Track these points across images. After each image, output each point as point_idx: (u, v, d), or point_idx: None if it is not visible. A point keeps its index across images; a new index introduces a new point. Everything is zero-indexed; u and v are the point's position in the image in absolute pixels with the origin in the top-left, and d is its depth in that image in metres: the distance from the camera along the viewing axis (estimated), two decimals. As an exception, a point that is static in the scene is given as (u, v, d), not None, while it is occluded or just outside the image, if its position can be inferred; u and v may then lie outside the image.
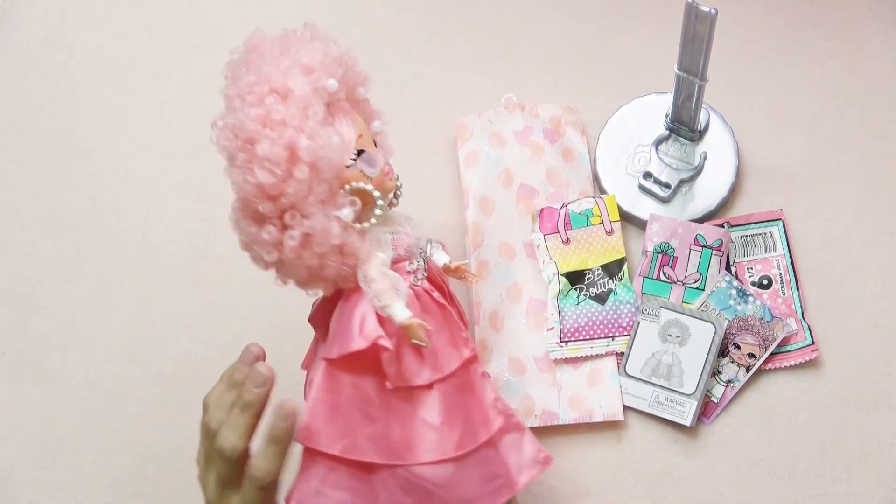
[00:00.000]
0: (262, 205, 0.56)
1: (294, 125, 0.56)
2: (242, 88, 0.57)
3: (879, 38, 0.91)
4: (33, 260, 0.88)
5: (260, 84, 0.57)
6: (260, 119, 0.56)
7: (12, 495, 0.79)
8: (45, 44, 0.99)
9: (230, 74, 0.59)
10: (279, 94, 0.57)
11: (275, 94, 0.57)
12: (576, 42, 0.94)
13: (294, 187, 0.56)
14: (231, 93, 0.58)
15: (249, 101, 0.56)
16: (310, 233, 0.57)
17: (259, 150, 0.55)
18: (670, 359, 0.78)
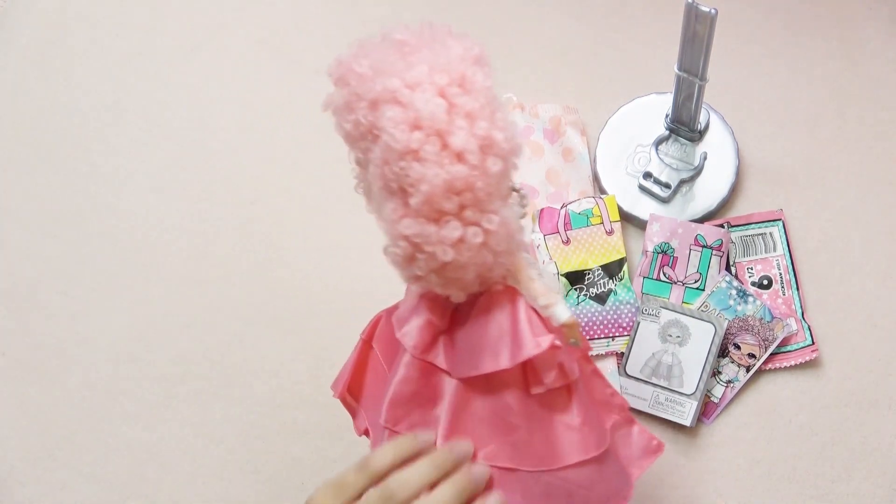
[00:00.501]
0: (448, 201, 0.53)
1: (485, 117, 0.54)
2: (411, 78, 0.54)
3: (879, 38, 0.91)
4: (33, 260, 0.88)
5: (438, 74, 0.54)
6: (448, 110, 0.53)
7: (12, 495, 0.79)
8: (45, 44, 0.99)
9: (371, 65, 0.55)
10: (461, 86, 0.54)
11: (457, 86, 0.54)
12: (576, 42, 0.94)
13: (484, 181, 0.53)
14: (393, 84, 0.53)
15: (428, 91, 0.53)
16: (494, 230, 0.54)
17: (454, 143, 0.52)
18: (670, 359, 0.78)
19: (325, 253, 0.86)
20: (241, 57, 0.97)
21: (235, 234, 0.89)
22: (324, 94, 0.59)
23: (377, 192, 0.55)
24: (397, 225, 0.54)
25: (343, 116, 0.56)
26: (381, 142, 0.53)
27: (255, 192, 0.90)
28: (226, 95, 0.95)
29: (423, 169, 0.52)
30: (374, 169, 0.54)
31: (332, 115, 0.57)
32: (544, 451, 0.59)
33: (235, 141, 0.92)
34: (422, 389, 0.61)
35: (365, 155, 0.56)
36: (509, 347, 0.58)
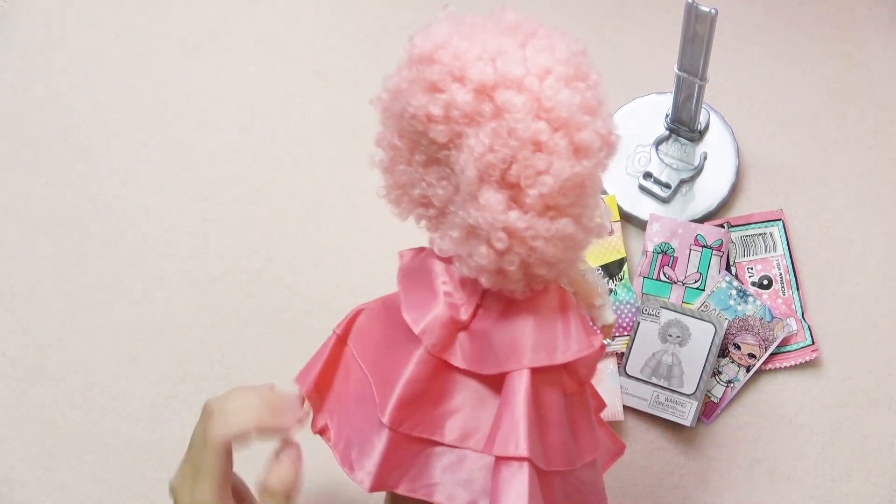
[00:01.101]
0: (564, 197, 0.51)
1: (602, 114, 0.52)
2: (536, 66, 0.51)
3: (879, 39, 0.91)
4: (33, 260, 0.88)
5: (562, 65, 0.52)
6: (578, 105, 0.51)
7: (12, 495, 0.79)
8: (45, 44, 0.99)
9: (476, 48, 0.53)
10: (583, 80, 0.52)
11: (580, 80, 0.52)
12: (576, 42, 0.94)
13: (595, 179, 0.53)
14: (517, 71, 0.51)
15: (559, 82, 0.51)
16: (591, 227, 0.54)
17: (583, 138, 0.51)
18: (670, 359, 0.78)
19: (325, 252, 0.86)
20: (240, 57, 0.97)
21: (235, 234, 0.89)
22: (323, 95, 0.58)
23: (467, 182, 0.52)
24: (501, 216, 0.51)
25: (427, 98, 0.52)
26: (493, 128, 0.51)
27: (255, 192, 0.90)
28: (226, 95, 0.95)
29: (550, 161, 0.51)
30: (470, 156, 0.51)
31: (394, 95, 0.54)
32: (570, 449, 0.58)
33: (235, 141, 0.92)
34: (430, 388, 0.59)
35: (444, 143, 0.53)
36: (563, 344, 0.57)
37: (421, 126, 0.53)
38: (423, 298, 0.59)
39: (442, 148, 0.53)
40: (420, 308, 0.58)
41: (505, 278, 0.54)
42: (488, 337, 0.58)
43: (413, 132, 0.54)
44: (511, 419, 0.55)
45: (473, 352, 0.58)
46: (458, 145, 0.52)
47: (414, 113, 0.52)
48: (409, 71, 0.53)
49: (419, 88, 0.52)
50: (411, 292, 0.60)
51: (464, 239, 0.54)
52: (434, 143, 0.53)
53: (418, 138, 0.54)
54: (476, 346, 0.58)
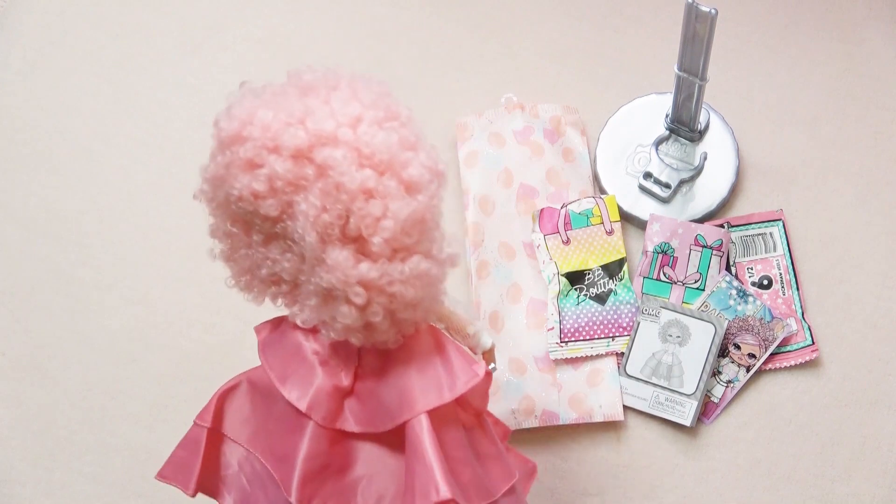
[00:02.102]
0: (408, 236, 0.52)
1: (423, 147, 0.53)
2: (345, 117, 0.52)
3: (879, 38, 0.91)
4: (33, 260, 0.88)
5: (371, 110, 0.53)
6: (398, 144, 0.52)
7: (12, 495, 0.79)
8: (45, 44, 0.99)
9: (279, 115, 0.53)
10: (396, 119, 0.54)
11: (393, 119, 0.54)
12: (576, 42, 0.94)
13: (433, 212, 0.54)
14: (328, 126, 0.52)
15: (373, 126, 0.52)
16: (443, 259, 0.55)
17: (411, 175, 0.52)
18: (670, 359, 0.78)
19: (325, 253, 0.86)
20: (240, 57, 0.97)
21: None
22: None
23: (310, 247, 0.52)
24: (353, 271, 0.51)
25: (248, 176, 0.52)
26: (321, 189, 0.51)
27: (255, 192, 0.90)
28: (225, 95, 0.95)
29: (385, 205, 0.51)
30: (306, 222, 0.51)
31: (215, 183, 0.54)
32: (484, 482, 0.58)
33: (235, 141, 0.92)
34: (331, 460, 0.58)
35: (277, 216, 0.52)
36: (448, 381, 0.57)
37: (250, 206, 0.52)
38: (299, 372, 0.58)
39: (277, 221, 0.53)
40: (299, 383, 0.58)
41: (374, 331, 0.54)
42: (375, 394, 0.57)
43: (244, 214, 0.54)
44: (424, 467, 0.55)
45: (364, 413, 0.58)
46: (291, 214, 0.52)
47: (239, 195, 0.52)
48: (223, 155, 0.53)
49: (237, 169, 0.52)
50: (283, 368, 0.59)
51: (322, 304, 0.54)
52: (267, 218, 0.53)
53: (251, 219, 0.54)
54: (366, 406, 0.58)
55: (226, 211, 0.55)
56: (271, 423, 0.60)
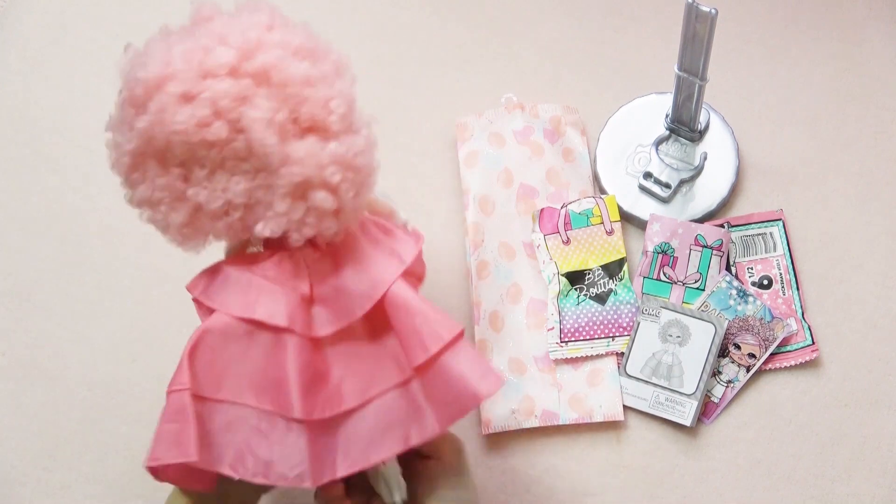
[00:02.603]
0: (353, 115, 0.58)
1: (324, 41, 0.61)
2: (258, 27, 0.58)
3: (879, 38, 0.91)
4: (33, 260, 0.88)
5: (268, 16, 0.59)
6: (312, 34, 0.60)
7: (12, 495, 0.79)
8: (45, 44, 0.99)
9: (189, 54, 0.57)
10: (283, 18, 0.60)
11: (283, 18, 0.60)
12: (576, 42, 0.94)
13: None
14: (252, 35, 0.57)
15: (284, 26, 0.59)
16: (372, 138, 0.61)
17: (339, 62, 0.59)
18: (670, 359, 0.78)
19: (325, 253, 0.86)
20: (241, 57, 0.97)
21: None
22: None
23: (270, 150, 0.55)
24: (324, 153, 0.56)
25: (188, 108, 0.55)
26: (265, 93, 0.55)
27: (255, 192, 0.90)
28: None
29: (330, 88, 0.57)
30: (261, 128, 0.54)
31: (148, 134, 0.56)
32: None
33: (235, 141, 0.92)
34: (317, 370, 0.60)
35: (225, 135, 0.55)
36: (402, 248, 0.62)
37: (195, 137, 0.55)
38: (261, 297, 0.60)
39: (225, 144, 0.55)
40: (267, 304, 0.59)
41: (341, 215, 0.58)
42: (338, 290, 0.60)
43: (185, 152, 0.56)
44: (423, 318, 0.59)
45: (334, 311, 0.60)
46: (239, 129, 0.55)
47: (183, 129, 0.54)
48: (153, 102, 0.55)
49: (174, 108, 0.54)
50: (243, 299, 0.60)
51: (294, 203, 0.57)
52: (213, 144, 0.55)
53: (192, 154, 0.56)
54: (332, 305, 0.60)
55: (161, 160, 0.57)
56: (248, 362, 0.60)
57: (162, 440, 0.59)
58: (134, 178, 0.59)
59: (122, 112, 0.58)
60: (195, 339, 0.60)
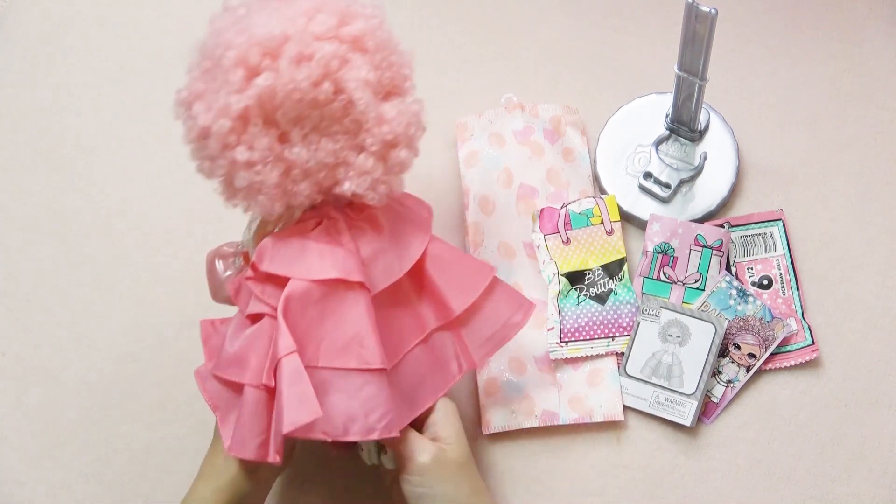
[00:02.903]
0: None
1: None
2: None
3: (879, 38, 0.91)
4: (33, 260, 0.88)
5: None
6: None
7: (12, 495, 0.79)
8: (45, 44, 0.99)
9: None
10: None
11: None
12: (576, 42, 0.94)
13: None
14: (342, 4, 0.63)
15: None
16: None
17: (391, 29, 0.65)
18: (670, 359, 0.78)
19: (325, 253, 0.86)
20: (241, 57, 0.97)
21: (235, 233, 0.88)
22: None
23: (368, 107, 0.60)
24: (410, 113, 0.63)
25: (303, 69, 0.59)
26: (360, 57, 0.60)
27: (255, 192, 0.90)
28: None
29: (402, 52, 0.64)
30: (360, 87, 0.60)
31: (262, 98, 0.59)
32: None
33: (235, 141, 0.92)
34: (380, 323, 0.63)
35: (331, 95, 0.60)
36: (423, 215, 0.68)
37: (308, 95, 0.59)
38: (325, 259, 0.63)
39: (327, 104, 0.60)
40: (335, 265, 0.62)
41: (403, 170, 0.64)
42: (380, 252, 0.65)
43: (294, 111, 0.59)
44: (461, 267, 0.68)
45: (382, 271, 0.65)
46: (340, 90, 0.60)
47: (296, 87, 0.58)
48: (276, 62, 0.59)
49: (293, 66, 0.58)
50: (312, 263, 0.63)
51: (375, 163, 0.62)
52: (318, 104, 0.60)
53: (299, 114, 0.60)
54: (376, 266, 0.64)
55: (267, 122, 0.60)
56: (325, 324, 0.62)
57: (292, 403, 0.59)
58: (230, 141, 0.60)
59: (227, 75, 0.59)
60: (283, 305, 0.62)
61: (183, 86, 0.63)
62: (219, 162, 0.61)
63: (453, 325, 0.69)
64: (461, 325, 0.69)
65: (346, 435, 0.60)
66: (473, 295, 0.68)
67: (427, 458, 0.64)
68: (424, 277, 0.68)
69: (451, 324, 0.69)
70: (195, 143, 0.62)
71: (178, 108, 0.62)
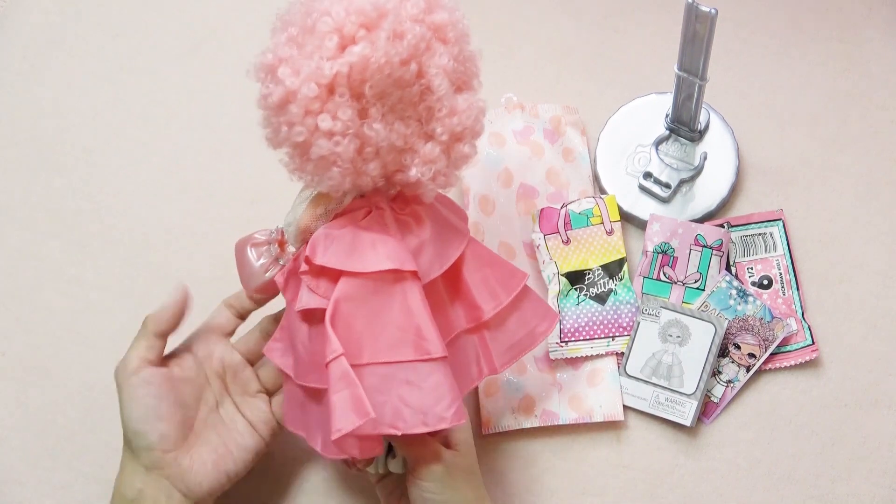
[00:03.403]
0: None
1: None
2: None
3: (879, 39, 0.91)
4: (33, 260, 0.88)
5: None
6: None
7: (12, 495, 0.79)
8: (45, 44, 0.99)
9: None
10: None
11: None
12: (576, 42, 0.94)
13: None
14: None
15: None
16: None
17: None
18: (670, 359, 0.78)
19: (325, 253, 0.86)
20: (240, 57, 0.96)
21: (236, 233, 0.88)
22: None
23: (445, 96, 0.61)
24: (476, 108, 0.63)
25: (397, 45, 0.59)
26: (441, 46, 0.61)
27: (255, 192, 0.90)
28: (226, 95, 0.95)
29: (470, 48, 0.65)
30: (440, 75, 0.60)
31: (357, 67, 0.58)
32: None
33: (235, 140, 0.92)
34: (433, 310, 0.63)
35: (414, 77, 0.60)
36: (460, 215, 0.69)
37: (396, 73, 0.59)
38: (383, 248, 0.63)
39: (409, 86, 0.60)
40: (389, 256, 0.62)
41: (464, 165, 0.66)
42: (425, 244, 0.65)
43: (380, 87, 0.59)
44: (499, 266, 0.68)
45: (426, 263, 0.65)
46: (421, 74, 0.60)
47: (396, 61, 0.59)
48: (375, 33, 0.58)
49: (386, 43, 0.58)
50: (367, 256, 0.62)
51: (444, 153, 0.63)
52: (401, 84, 0.60)
53: (382, 91, 0.60)
54: (423, 258, 0.64)
55: (353, 94, 0.59)
56: (381, 319, 0.62)
57: (338, 409, 0.59)
58: (314, 108, 0.59)
59: (322, 41, 0.58)
60: (332, 308, 0.61)
61: (266, 49, 0.61)
62: (297, 128, 0.59)
63: (480, 328, 0.69)
64: (488, 330, 0.69)
65: (416, 427, 0.60)
66: (505, 299, 0.68)
67: (442, 465, 0.63)
68: (459, 278, 0.67)
69: (479, 327, 0.68)
70: (274, 109, 0.60)
71: (259, 71, 0.61)
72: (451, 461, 0.64)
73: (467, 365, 0.68)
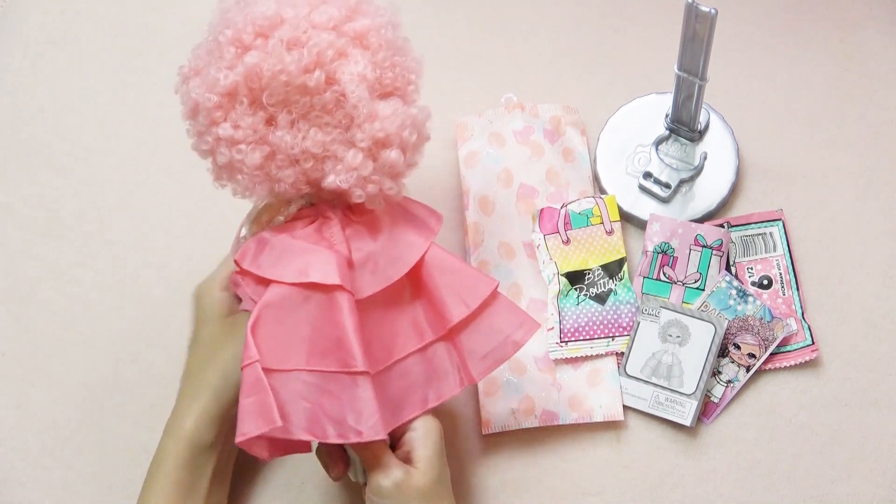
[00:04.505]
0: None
1: None
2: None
3: (879, 39, 0.91)
4: (33, 260, 0.88)
5: None
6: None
7: (12, 495, 0.79)
8: (45, 44, 0.99)
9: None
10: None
11: None
12: (576, 42, 0.94)
13: None
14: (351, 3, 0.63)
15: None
16: None
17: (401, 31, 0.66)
18: (670, 359, 0.78)
19: (325, 253, 0.86)
20: (241, 57, 0.97)
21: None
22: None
23: (362, 104, 0.60)
24: (405, 115, 0.62)
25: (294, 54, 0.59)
26: (360, 53, 0.60)
27: (255, 192, 0.90)
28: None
29: (406, 55, 0.64)
30: (355, 82, 0.60)
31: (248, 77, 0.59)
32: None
33: (235, 141, 0.92)
34: (364, 326, 0.63)
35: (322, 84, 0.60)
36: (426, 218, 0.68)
37: (297, 80, 0.59)
38: (310, 260, 0.62)
39: (317, 93, 0.60)
40: (318, 267, 0.62)
41: (399, 178, 0.64)
42: (375, 255, 0.64)
43: (281, 95, 0.59)
44: (461, 274, 0.66)
45: (373, 274, 0.64)
46: (333, 81, 0.60)
47: (284, 69, 0.58)
48: (266, 43, 0.59)
49: (280, 51, 0.58)
50: (295, 264, 0.62)
51: (364, 160, 0.61)
52: (308, 92, 0.59)
53: (286, 98, 0.59)
54: (368, 269, 0.64)
55: (253, 102, 0.60)
56: (307, 328, 0.62)
57: (246, 414, 0.60)
58: (216, 117, 0.60)
59: (221, 51, 0.60)
60: (255, 315, 0.62)
61: (185, 62, 0.63)
62: (205, 138, 0.61)
63: (452, 335, 0.67)
64: (460, 338, 0.67)
65: (331, 437, 0.60)
66: (472, 305, 0.65)
67: (389, 482, 0.62)
68: (423, 285, 0.66)
69: (450, 334, 0.67)
70: (189, 119, 0.62)
71: (178, 83, 0.63)
72: (403, 479, 0.62)
73: (446, 373, 0.67)
